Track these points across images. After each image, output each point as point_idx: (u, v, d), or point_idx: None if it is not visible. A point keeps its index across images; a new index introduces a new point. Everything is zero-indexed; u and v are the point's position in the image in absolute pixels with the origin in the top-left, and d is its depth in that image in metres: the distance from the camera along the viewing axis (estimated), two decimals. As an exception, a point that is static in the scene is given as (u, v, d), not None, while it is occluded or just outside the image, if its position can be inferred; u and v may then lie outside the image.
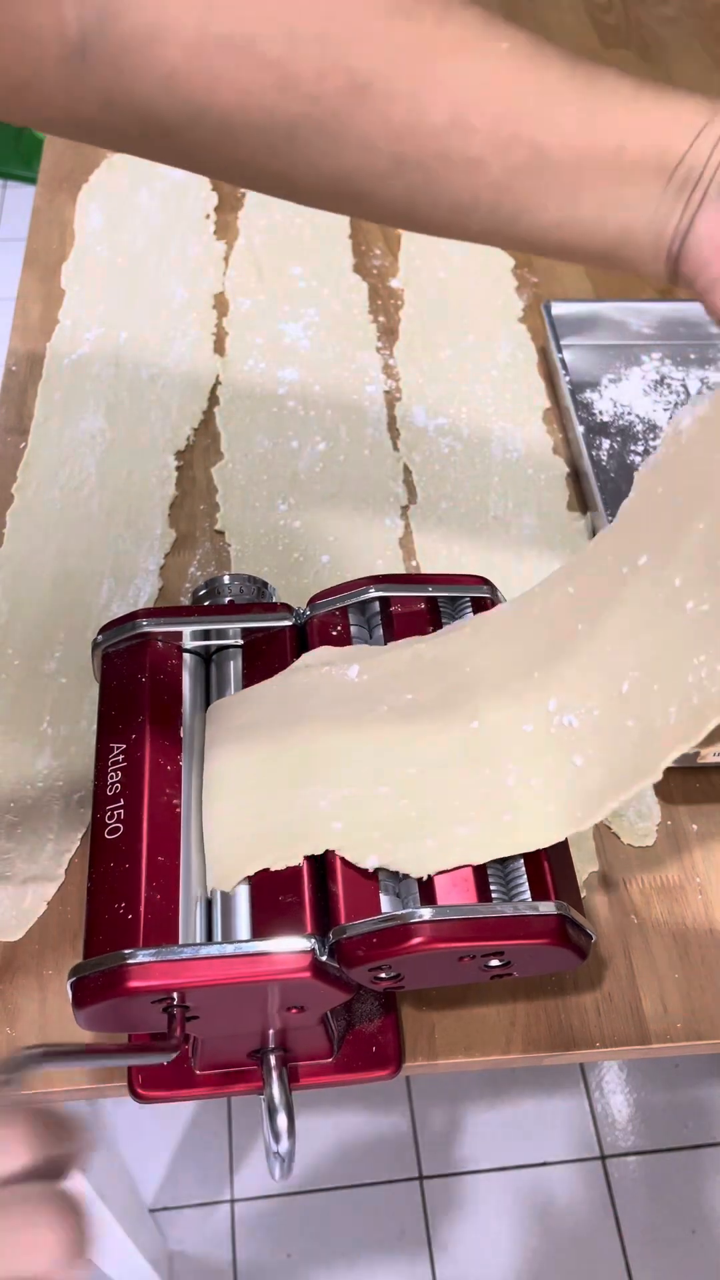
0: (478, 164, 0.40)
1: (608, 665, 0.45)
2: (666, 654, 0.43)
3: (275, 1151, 0.51)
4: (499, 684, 0.49)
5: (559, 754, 0.46)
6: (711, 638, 0.42)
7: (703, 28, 1.31)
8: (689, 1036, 0.56)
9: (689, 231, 0.40)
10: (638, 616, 0.45)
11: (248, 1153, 1.27)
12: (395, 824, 0.47)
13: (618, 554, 0.46)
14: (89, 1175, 0.80)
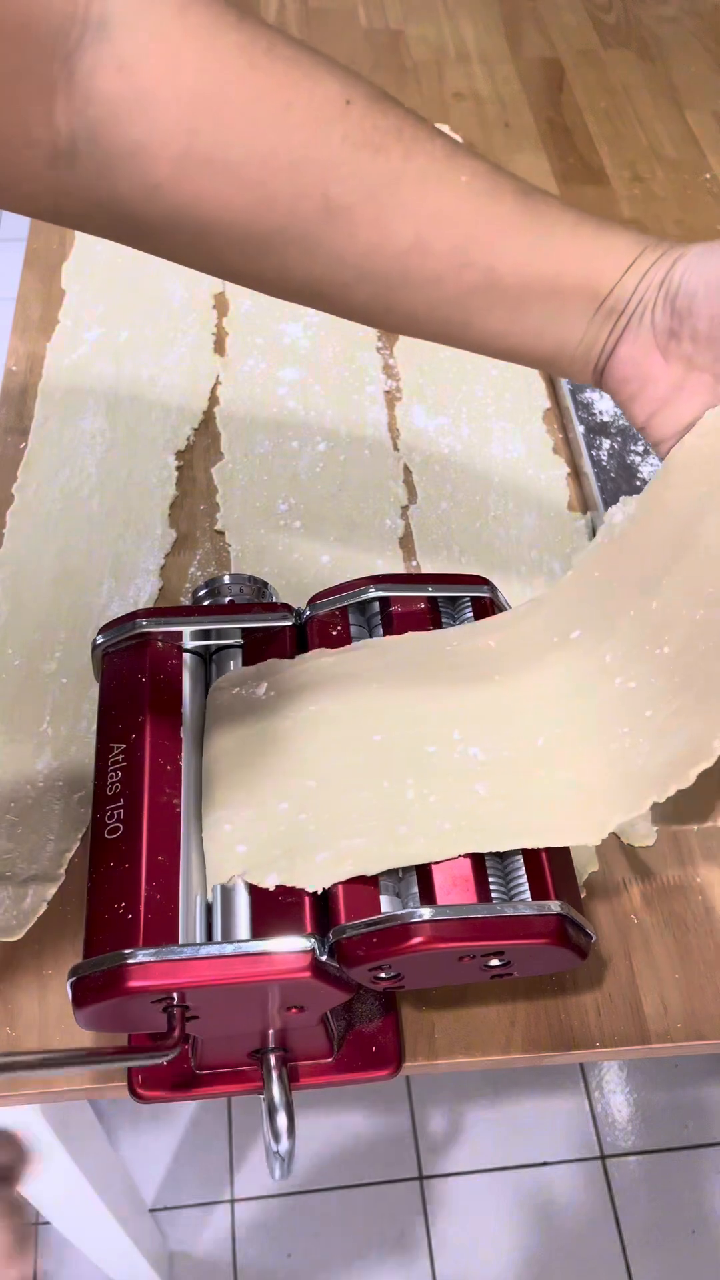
0: (435, 281, 0.44)
1: (520, 718, 0.48)
2: (589, 720, 0.46)
3: (275, 1151, 0.51)
4: (403, 705, 0.50)
5: (460, 778, 0.47)
6: (637, 713, 0.44)
7: (703, 28, 1.31)
8: (689, 1036, 0.56)
9: (613, 352, 0.45)
10: (563, 682, 0.48)
11: (248, 1153, 1.27)
12: (293, 839, 0.47)
13: (548, 625, 0.49)
14: (89, 1175, 0.80)
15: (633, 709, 0.45)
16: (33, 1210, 1.19)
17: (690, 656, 0.44)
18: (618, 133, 1.15)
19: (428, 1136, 1.29)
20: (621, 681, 0.46)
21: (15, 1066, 0.42)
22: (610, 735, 0.45)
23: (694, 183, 1.10)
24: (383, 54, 1.23)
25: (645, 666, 0.45)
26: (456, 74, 1.21)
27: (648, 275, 0.44)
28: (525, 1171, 1.27)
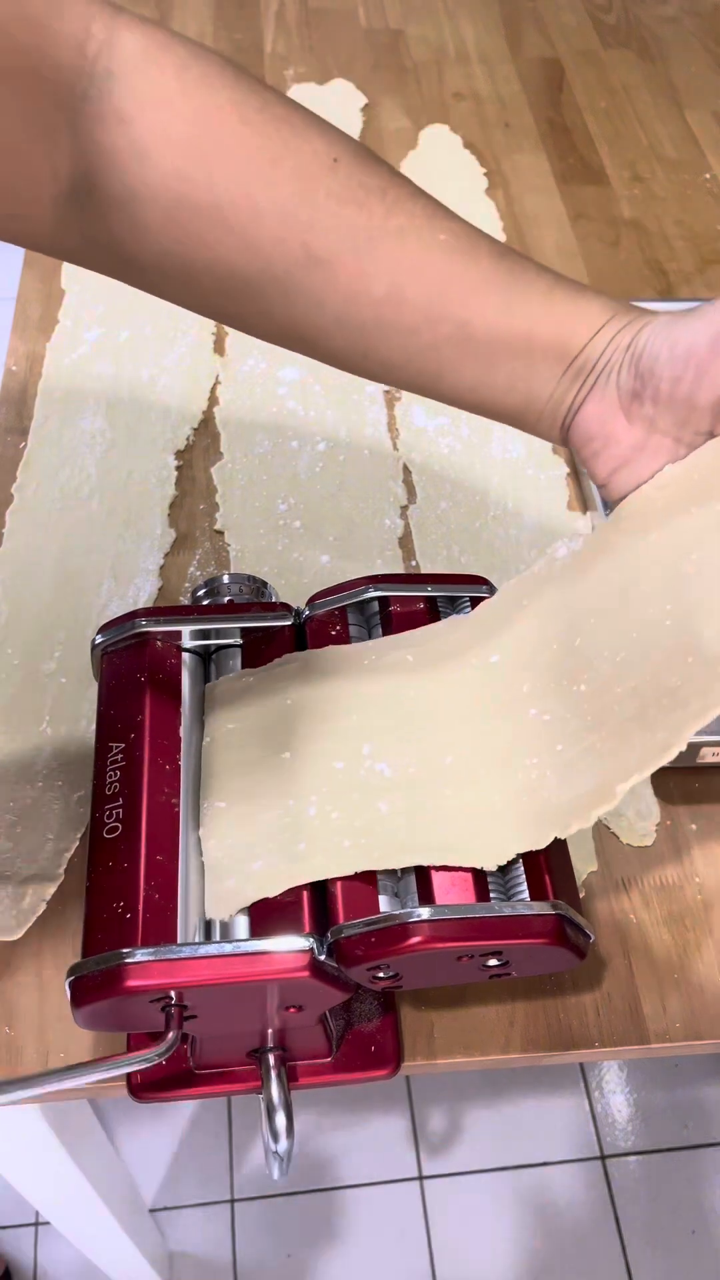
0: (410, 332, 0.46)
1: (430, 735, 0.48)
2: (500, 745, 0.47)
3: (274, 1151, 0.51)
4: (315, 721, 0.50)
5: (365, 795, 0.47)
6: (548, 745, 0.45)
7: (703, 28, 1.31)
8: (688, 1036, 0.56)
9: (579, 410, 0.47)
10: (476, 705, 0.48)
11: (248, 1153, 1.27)
12: (208, 866, 0.48)
13: (467, 645, 0.50)
14: (89, 1175, 0.80)
15: (544, 741, 0.46)
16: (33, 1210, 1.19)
17: (606, 699, 0.45)
18: (618, 133, 1.15)
19: (428, 1136, 1.29)
20: (536, 713, 0.47)
21: (12, 1087, 0.42)
22: (519, 764, 0.46)
23: (694, 183, 1.10)
24: (383, 54, 1.23)
25: (561, 701, 0.46)
26: (456, 74, 1.21)
27: (615, 339, 0.45)
28: (525, 1171, 1.27)
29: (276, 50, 1.22)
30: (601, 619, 0.46)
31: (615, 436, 0.47)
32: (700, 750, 0.63)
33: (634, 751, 0.43)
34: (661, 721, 0.43)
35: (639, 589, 0.46)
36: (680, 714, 0.42)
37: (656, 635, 0.44)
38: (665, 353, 0.44)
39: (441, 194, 1.08)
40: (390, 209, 0.45)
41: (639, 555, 0.46)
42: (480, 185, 1.07)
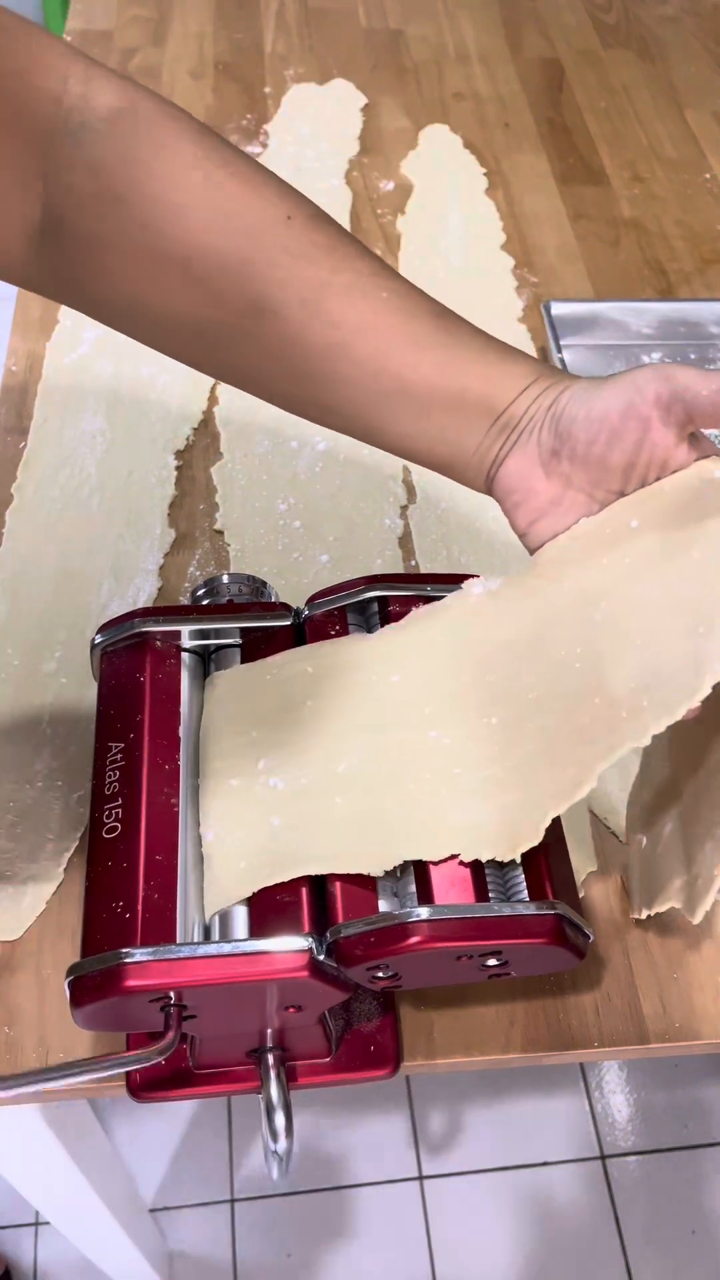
0: (350, 382, 0.49)
1: (323, 743, 0.49)
2: (392, 758, 0.48)
3: (274, 1151, 0.51)
4: (214, 740, 0.52)
5: (259, 811, 0.48)
6: (443, 767, 0.47)
7: (703, 28, 1.31)
8: (688, 1036, 0.56)
9: (503, 463, 0.50)
10: (371, 718, 0.50)
11: (248, 1153, 1.27)
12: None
13: (368, 662, 0.52)
14: (89, 1176, 0.80)
15: (440, 762, 0.48)
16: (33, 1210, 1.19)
17: (515, 733, 0.47)
18: (618, 133, 1.15)
19: (428, 1136, 1.29)
20: (436, 735, 0.49)
21: (13, 1082, 0.42)
22: (411, 776, 0.48)
23: (694, 183, 1.10)
24: (383, 54, 1.23)
25: (465, 730, 0.48)
26: (456, 74, 1.21)
27: (539, 399, 0.49)
28: (525, 1171, 1.27)
29: (276, 50, 1.22)
30: (517, 658, 0.49)
31: (535, 490, 0.49)
32: (700, 750, 0.63)
33: (541, 787, 0.45)
34: (570, 757, 0.45)
35: (553, 632, 0.48)
36: (589, 750, 0.44)
37: (568, 677, 0.47)
38: (582, 416, 0.47)
39: (441, 194, 1.08)
40: (337, 265, 0.48)
41: (553, 601, 0.49)
42: (480, 185, 1.07)
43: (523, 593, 0.50)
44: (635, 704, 0.44)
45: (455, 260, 0.98)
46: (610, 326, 0.91)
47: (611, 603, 0.47)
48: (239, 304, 0.47)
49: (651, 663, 0.44)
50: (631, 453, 0.47)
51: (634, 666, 0.45)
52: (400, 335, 0.48)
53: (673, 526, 0.47)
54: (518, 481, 0.49)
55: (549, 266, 0.99)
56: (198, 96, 1.15)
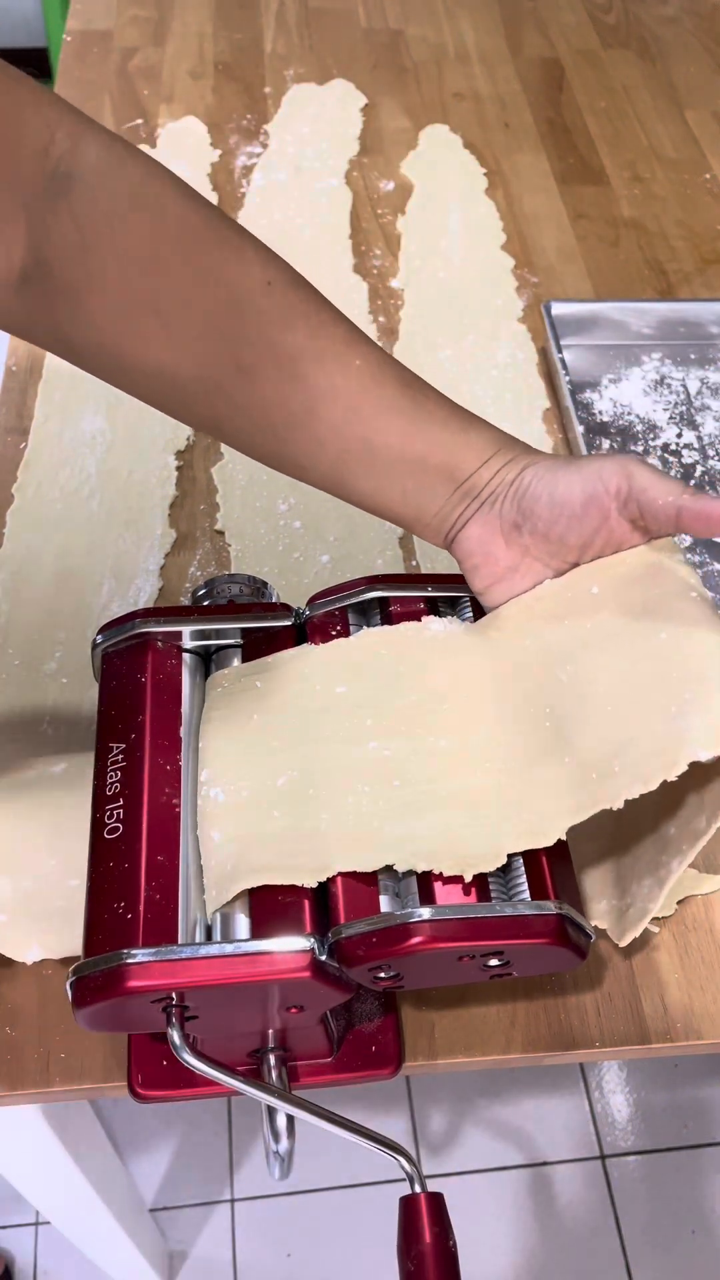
0: (321, 443, 0.51)
1: (264, 757, 0.50)
2: (331, 768, 0.49)
3: (275, 1151, 0.51)
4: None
5: (205, 826, 0.49)
6: (383, 778, 0.48)
7: (703, 28, 1.31)
8: (689, 1036, 0.56)
9: (463, 528, 0.52)
10: (312, 729, 0.51)
11: (248, 1153, 1.27)
12: None
13: (315, 673, 0.53)
14: (89, 1176, 0.80)
15: (380, 774, 0.49)
16: (33, 1210, 1.19)
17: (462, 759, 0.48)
18: (618, 133, 1.15)
19: (428, 1136, 1.29)
20: (376, 746, 0.50)
21: None
22: (350, 789, 0.48)
23: (694, 183, 1.10)
24: (383, 54, 1.23)
25: (409, 745, 0.49)
26: (456, 74, 1.21)
27: (501, 472, 0.51)
28: (525, 1171, 1.27)
29: (276, 50, 1.22)
30: (474, 693, 0.51)
31: (494, 556, 0.52)
32: (701, 750, 0.63)
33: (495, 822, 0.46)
34: (532, 806, 0.46)
35: (518, 681, 0.50)
36: (555, 804, 0.46)
37: (534, 729, 0.48)
38: (545, 498, 0.49)
39: (441, 194, 1.08)
40: (314, 331, 0.49)
41: (516, 651, 0.51)
42: (480, 185, 1.07)
43: (481, 642, 0.53)
44: (606, 767, 0.45)
45: (455, 260, 0.98)
46: (610, 326, 0.91)
47: (577, 666, 0.49)
48: (215, 363, 0.49)
49: (621, 732, 0.46)
50: (589, 535, 0.50)
51: (603, 732, 0.47)
52: (369, 401, 0.50)
53: (631, 598, 0.49)
54: (478, 545, 0.52)
55: (549, 266, 0.99)
56: (198, 96, 1.15)
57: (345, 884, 0.46)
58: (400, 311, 0.93)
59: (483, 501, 0.51)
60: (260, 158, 1.08)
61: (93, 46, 1.19)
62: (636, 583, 0.50)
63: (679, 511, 0.48)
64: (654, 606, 0.49)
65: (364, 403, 0.50)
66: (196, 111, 1.13)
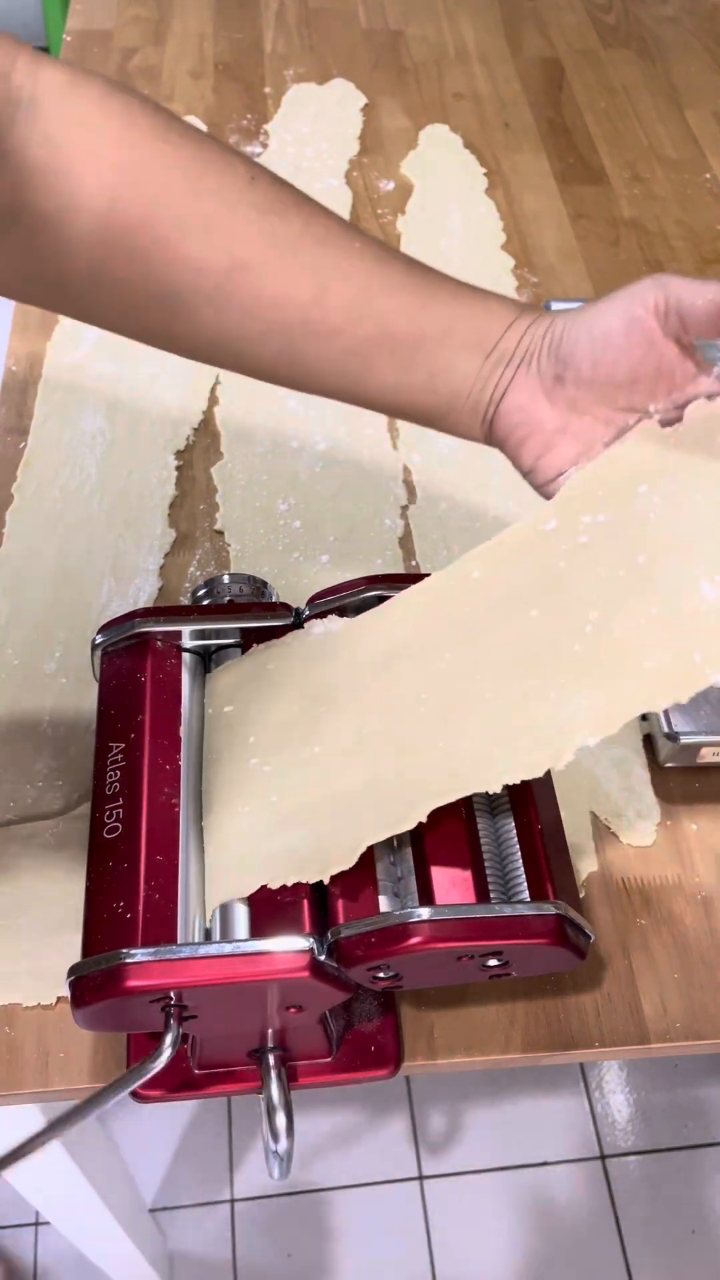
0: (334, 332, 0.48)
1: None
2: (223, 788, 0.50)
3: (274, 1151, 0.51)
4: None
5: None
6: (263, 794, 0.49)
7: (703, 28, 1.31)
8: (689, 1036, 0.56)
9: (502, 400, 0.49)
10: (208, 755, 0.52)
11: (248, 1153, 1.27)
12: None
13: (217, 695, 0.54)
14: (89, 1176, 0.80)
15: (258, 788, 0.49)
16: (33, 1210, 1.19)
17: (339, 764, 0.48)
18: (618, 133, 1.15)
19: (428, 1136, 1.29)
20: (257, 763, 0.50)
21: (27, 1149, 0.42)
22: (233, 807, 0.49)
23: (694, 183, 1.10)
24: (383, 54, 1.23)
25: (286, 758, 0.49)
26: (456, 74, 1.21)
27: (531, 330, 0.48)
28: (525, 1171, 1.27)
29: (276, 50, 1.22)
30: (354, 694, 0.49)
31: (539, 421, 0.49)
32: (700, 750, 0.63)
33: (360, 816, 0.46)
34: (399, 796, 0.45)
35: (394, 675, 0.48)
36: (422, 790, 0.45)
37: (409, 721, 0.47)
38: (584, 337, 0.47)
39: (442, 194, 1.08)
40: (308, 220, 0.48)
41: (395, 642, 0.49)
42: (480, 185, 1.07)
43: (367, 631, 0.52)
44: (484, 754, 0.44)
45: (455, 260, 0.98)
46: (610, 326, 0.91)
47: (455, 653, 0.47)
48: (213, 265, 0.46)
49: (502, 717, 0.44)
50: (637, 366, 0.46)
51: (480, 719, 0.45)
52: (378, 281, 0.48)
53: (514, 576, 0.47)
54: (520, 416, 0.49)
55: (549, 266, 0.99)
56: (198, 96, 1.15)
57: (344, 884, 0.46)
58: (400, 311, 0.93)
59: (518, 364, 0.48)
60: (260, 157, 1.08)
61: (93, 46, 1.19)
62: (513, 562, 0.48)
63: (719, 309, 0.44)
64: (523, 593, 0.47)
65: (372, 283, 0.48)
66: (196, 111, 1.13)
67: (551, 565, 0.47)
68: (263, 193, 0.47)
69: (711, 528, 0.43)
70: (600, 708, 0.42)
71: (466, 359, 0.49)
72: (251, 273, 0.47)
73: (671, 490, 0.45)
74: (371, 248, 0.49)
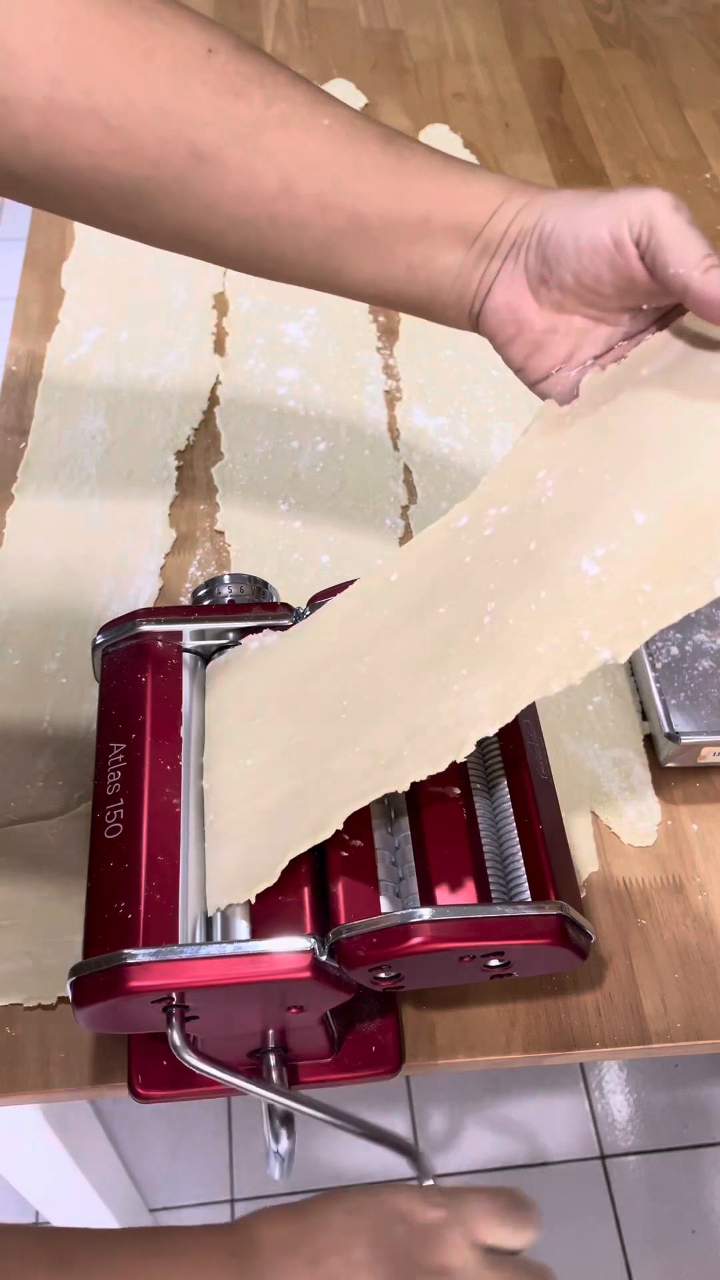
0: (303, 226, 0.45)
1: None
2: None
3: (275, 1151, 0.51)
4: None
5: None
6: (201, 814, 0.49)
7: (703, 28, 1.31)
8: (689, 1036, 0.56)
9: (489, 294, 0.46)
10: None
11: (248, 1153, 1.27)
12: None
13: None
14: (89, 1175, 0.80)
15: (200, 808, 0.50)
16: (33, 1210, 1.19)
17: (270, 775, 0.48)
18: (618, 133, 1.15)
19: (428, 1136, 1.29)
20: (203, 781, 0.50)
21: None
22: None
23: (694, 183, 1.10)
24: (383, 54, 1.23)
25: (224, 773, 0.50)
26: (456, 74, 1.21)
27: (518, 219, 0.45)
28: (525, 1171, 1.27)
29: (276, 50, 1.22)
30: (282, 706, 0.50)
31: (528, 321, 0.46)
32: (700, 750, 0.63)
33: (285, 829, 0.46)
34: (320, 801, 0.45)
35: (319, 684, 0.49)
36: (340, 794, 0.45)
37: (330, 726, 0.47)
38: (570, 244, 0.44)
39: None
40: (270, 96, 0.44)
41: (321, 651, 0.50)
42: (480, 185, 1.07)
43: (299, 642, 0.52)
44: (396, 754, 0.44)
45: (455, 260, 0.98)
46: (610, 326, 0.91)
47: (373, 657, 0.47)
48: (170, 155, 0.43)
49: (411, 715, 0.44)
50: (625, 281, 0.44)
51: (392, 720, 0.45)
52: (348, 165, 0.45)
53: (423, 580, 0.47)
54: (508, 315, 0.46)
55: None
56: (197, 96, 1.14)
57: (345, 884, 0.46)
58: (400, 311, 0.93)
59: (505, 257, 0.46)
60: (260, 158, 1.08)
61: (93, 46, 1.19)
62: None
63: (685, 289, 0.41)
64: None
65: (344, 168, 0.45)
66: (196, 111, 1.12)
67: (460, 561, 0.46)
68: (220, 67, 0.43)
69: (593, 503, 0.42)
70: (498, 697, 0.42)
71: (447, 252, 0.46)
72: (211, 165, 0.44)
73: (561, 471, 0.45)
74: (342, 125, 0.45)
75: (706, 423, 0.41)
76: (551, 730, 0.66)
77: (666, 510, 0.40)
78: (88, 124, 0.42)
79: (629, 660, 0.69)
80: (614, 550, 0.40)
